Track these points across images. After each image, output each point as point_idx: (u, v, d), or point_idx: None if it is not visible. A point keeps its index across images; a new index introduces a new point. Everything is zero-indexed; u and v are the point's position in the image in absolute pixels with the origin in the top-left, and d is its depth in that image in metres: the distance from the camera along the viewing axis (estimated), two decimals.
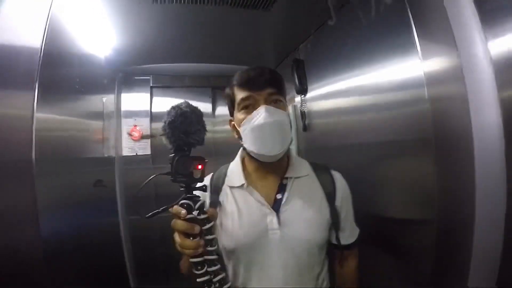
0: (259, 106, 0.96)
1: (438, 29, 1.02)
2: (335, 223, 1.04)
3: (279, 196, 1.02)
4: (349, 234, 1.09)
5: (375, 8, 1.25)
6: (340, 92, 1.64)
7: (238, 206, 1.00)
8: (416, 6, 1.07)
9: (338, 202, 1.06)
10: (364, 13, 1.34)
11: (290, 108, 2.27)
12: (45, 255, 0.95)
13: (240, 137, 1.03)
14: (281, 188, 1.04)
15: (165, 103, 2.62)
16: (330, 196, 1.06)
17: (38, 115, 0.97)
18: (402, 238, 1.23)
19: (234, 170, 1.09)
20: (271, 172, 1.05)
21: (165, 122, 0.77)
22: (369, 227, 1.21)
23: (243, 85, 0.98)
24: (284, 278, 0.95)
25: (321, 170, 1.12)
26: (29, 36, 1.03)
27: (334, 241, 1.07)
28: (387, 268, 1.27)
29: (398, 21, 1.13)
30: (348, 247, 1.09)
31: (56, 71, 1.17)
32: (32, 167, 0.94)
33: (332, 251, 1.10)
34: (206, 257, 0.79)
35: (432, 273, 1.03)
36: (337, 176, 1.12)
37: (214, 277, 0.79)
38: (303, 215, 1.00)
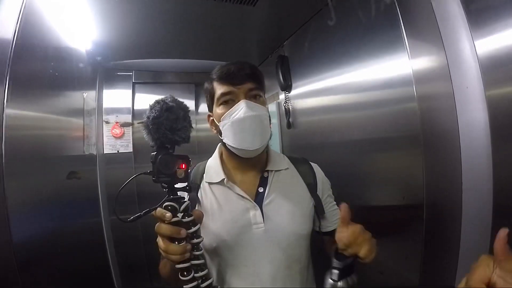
0: (239, 100, 0.95)
1: (426, 28, 1.04)
2: (318, 212, 1.04)
3: (260, 189, 1.01)
4: (334, 220, 1.07)
5: (364, 5, 1.25)
6: (326, 89, 1.64)
7: (219, 203, 0.98)
8: (404, 5, 1.08)
9: (319, 192, 1.06)
10: (352, 11, 1.33)
11: (274, 105, 2.26)
12: (18, 262, 0.90)
13: (219, 132, 1.00)
14: (262, 182, 1.02)
15: (147, 100, 2.56)
16: (311, 186, 1.06)
17: (8, 111, 0.92)
18: (390, 234, 1.24)
19: (213, 166, 1.06)
20: (251, 167, 1.04)
21: (148, 118, 0.72)
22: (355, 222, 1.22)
23: (224, 80, 0.97)
24: (272, 273, 0.93)
25: (300, 163, 1.12)
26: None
27: (317, 229, 1.06)
28: (376, 260, 1.28)
29: (387, 19, 1.14)
30: (332, 233, 1.07)
31: (31, 65, 1.12)
32: (2, 166, 0.89)
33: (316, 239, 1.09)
34: (192, 262, 0.75)
35: (421, 271, 1.04)
36: (316, 167, 1.12)
37: (202, 283, 0.76)
38: (286, 207, 0.99)
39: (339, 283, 0.77)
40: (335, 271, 0.79)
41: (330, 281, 0.78)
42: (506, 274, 0.52)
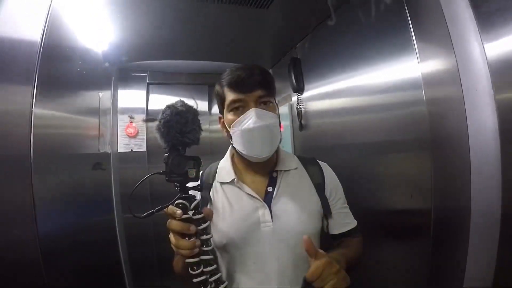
0: (249, 108, 0.96)
1: (435, 31, 1.04)
2: (326, 212, 1.05)
3: (269, 189, 1.03)
4: (342, 223, 1.08)
5: (374, 8, 1.26)
6: (337, 92, 1.65)
7: (229, 201, 1.01)
8: (414, 8, 1.08)
9: (327, 192, 1.07)
10: (363, 14, 1.34)
11: (286, 107, 2.27)
12: (43, 253, 0.94)
13: (229, 136, 1.03)
14: (271, 181, 1.04)
15: (161, 100, 2.62)
16: (319, 186, 1.07)
17: (36, 110, 0.96)
18: (398, 237, 1.25)
19: (224, 167, 1.09)
20: (261, 167, 1.06)
21: (160, 121, 0.77)
22: (364, 224, 1.23)
23: (233, 87, 0.98)
24: (280, 271, 0.95)
25: (309, 162, 1.13)
26: (28, 29, 1.01)
27: (325, 230, 1.07)
28: (384, 263, 1.29)
29: (396, 22, 1.14)
30: (342, 235, 1.07)
31: (55, 66, 1.16)
32: (30, 163, 0.93)
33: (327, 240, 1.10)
34: (202, 257, 0.79)
35: (429, 272, 1.04)
36: (325, 166, 1.13)
37: (210, 277, 0.80)
38: (295, 207, 1.00)
39: None
40: None
41: None
42: None
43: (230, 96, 0.98)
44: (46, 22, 1.03)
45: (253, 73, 0.97)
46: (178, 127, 0.76)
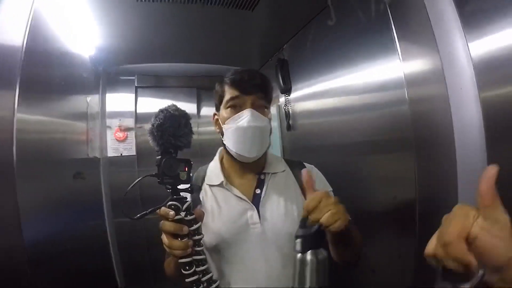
0: (245, 108, 1.00)
1: (419, 31, 1.05)
2: None
3: (258, 191, 1.05)
4: None
5: (357, 8, 1.27)
6: (323, 92, 1.68)
7: (218, 203, 1.03)
8: (397, 8, 1.10)
9: None
10: (347, 14, 1.36)
11: (274, 108, 2.28)
12: (29, 260, 0.93)
13: (221, 133, 1.06)
14: (260, 183, 1.07)
15: (150, 104, 2.61)
16: None
17: (19, 115, 0.95)
18: (383, 237, 1.26)
19: (213, 169, 1.11)
20: (249, 169, 1.08)
21: (153, 125, 0.78)
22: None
23: (234, 85, 1.01)
24: (268, 271, 0.97)
25: (296, 165, 1.15)
26: (10, 33, 0.99)
27: None
28: (370, 263, 1.30)
29: (379, 22, 1.16)
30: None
31: (38, 70, 1.15)
32: (13, 170, 0.91)
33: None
34: (194, 257, 0.80)
35: (415, 273, 1.05)
36: (312, 169, 1.15)
37: (203, 277, 0.81)
38: (282, 208, 1.02)
39: (308, 256, 0.71)
40: (298, 240, 0.74)
41: (297, 254, 0.73)
42: (491, 225, 0.39)
43: (230, 93, 1.02)
44: (27, 25, 1.02)
45: (256, 77, 1.02)
46: (171, 131, 0.78)
